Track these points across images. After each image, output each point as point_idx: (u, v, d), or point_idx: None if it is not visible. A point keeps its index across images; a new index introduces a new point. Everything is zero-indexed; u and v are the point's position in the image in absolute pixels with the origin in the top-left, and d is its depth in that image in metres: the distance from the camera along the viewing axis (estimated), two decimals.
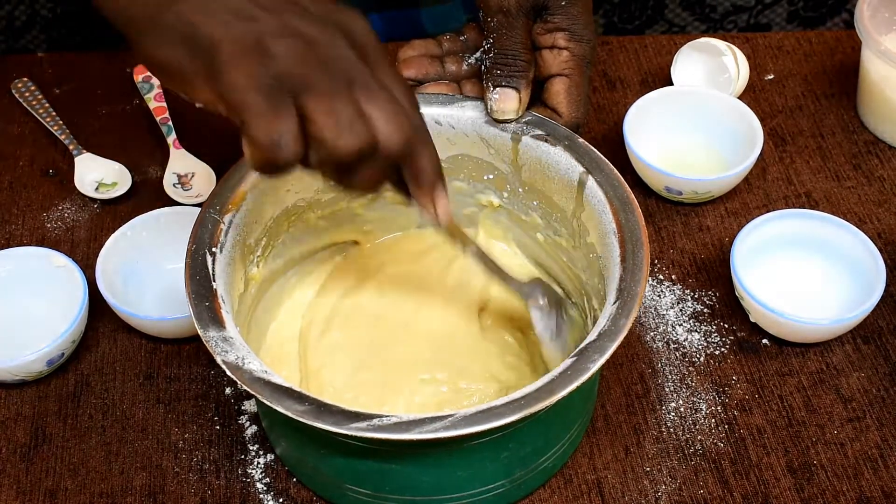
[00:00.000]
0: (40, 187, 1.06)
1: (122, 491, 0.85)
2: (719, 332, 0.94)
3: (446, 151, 0.88)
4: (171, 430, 0.88)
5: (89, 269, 0.93)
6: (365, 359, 0.87)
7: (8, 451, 0.88)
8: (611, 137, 1.10)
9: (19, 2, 1.45)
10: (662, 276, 0.98)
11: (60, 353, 0.90)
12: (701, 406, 0.89)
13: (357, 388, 0.86)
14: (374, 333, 0.89)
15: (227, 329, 0.74)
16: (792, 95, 1.14)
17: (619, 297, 0.75)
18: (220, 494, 0.85)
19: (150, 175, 1.07)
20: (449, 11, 1.23)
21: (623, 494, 0.84)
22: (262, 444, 0.87)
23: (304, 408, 0.69)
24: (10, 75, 1.16)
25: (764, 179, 1.06)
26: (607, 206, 0.81)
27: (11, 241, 1.01)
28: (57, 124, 1.10)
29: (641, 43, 1.19)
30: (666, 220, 1.02)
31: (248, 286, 0.84)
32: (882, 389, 0.90)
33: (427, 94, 0.87)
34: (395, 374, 0.86)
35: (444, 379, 0.86)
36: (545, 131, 0.85)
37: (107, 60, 1.18)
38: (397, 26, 1.23)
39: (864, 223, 1.02)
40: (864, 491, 0.84)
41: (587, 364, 0.71)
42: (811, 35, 1.20)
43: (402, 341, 0.88)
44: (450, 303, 0.90)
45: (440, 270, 0.93)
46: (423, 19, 1.23)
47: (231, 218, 0.81)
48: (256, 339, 0.87)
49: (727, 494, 0.84)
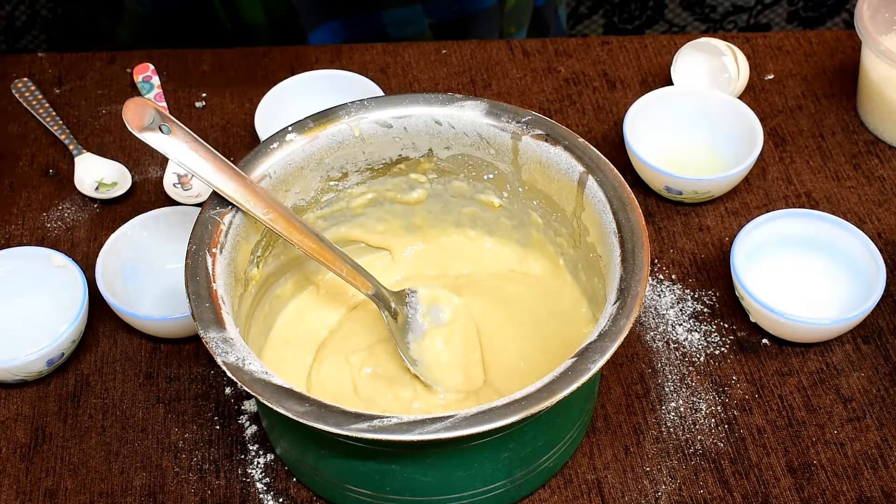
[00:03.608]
0: (40, 187, 1.06)
1: (122, 491, 0.85)
2: (719, 332, 0.94)
3: (446, 151, 0.89)
4: (171, 430, 0.88)
5: (89, 269, 0.93)
6: (367, 358, 0.88)
7: (8, 451, 0.88)
8: (611, 137, 1.10)
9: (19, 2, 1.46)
10: (662, 276, 0.98)
11: (60, 353, 0.90)
12: (701, 406, 0.89)
13: (362, 387, 0.86)
14: (383, 332, 0.89)
15: (228, 330, 0.74)
16: (792, 95, 1.14)
17: (620, 297, 0.75)
18: (220, 494, 0.85)
19: (150, 175, 1.07)
20: (411, 15, 1.23)
21: (623, 494, 0.84)
22: (262, 444, 0.87)
23: (304, 409, 0.69)
24: (10, 75, 1.16)
25: (764, 179, 1.06)
26: (607, 205, 0.81)
27: (11, 241, 1.01)
28: (57, 124, 1.10)
29: (641, 43, 1.19)
30: (666, 220, 1.03)
31: (248, 287, 0.84)
32: (882, 389, 0.90)
33: (427, 94, 0.87)
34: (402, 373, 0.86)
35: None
36: (545, 131, 0.85)
37: (107, 60, 1.18)
38: (359, 31, 1.24)
39: (864, 223, 1.02)
40: (864, 491, 0.84)
41: (587, 364, 0.71)
42: (811, 35, 1.20)
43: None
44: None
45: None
46: (385, 23, 1.23)
47: (231, 218, 0.81)
48: (257, 339, 0.87)
49: (727, 494, 0.84)
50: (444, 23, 1.25)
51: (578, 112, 1.12)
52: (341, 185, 0.89)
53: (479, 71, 1.17)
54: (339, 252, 0.84)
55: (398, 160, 0.89)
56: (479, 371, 0.87)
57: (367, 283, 0.85)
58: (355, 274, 0.85)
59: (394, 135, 0.88)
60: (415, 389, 0.86)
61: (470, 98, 0.87)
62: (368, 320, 0.90)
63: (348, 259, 0.85)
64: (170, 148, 0.79)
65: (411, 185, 0.92)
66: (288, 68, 1.16)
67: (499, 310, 0.90)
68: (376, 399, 0.85)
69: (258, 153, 0.84)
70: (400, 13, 1.23)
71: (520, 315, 0.90)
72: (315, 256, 0.82)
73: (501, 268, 0.94)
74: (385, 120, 0.87)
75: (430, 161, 0.90)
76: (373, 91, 1.08)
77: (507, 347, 0.88)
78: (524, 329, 0.89)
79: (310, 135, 0.86)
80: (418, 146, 0.88)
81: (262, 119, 1.06)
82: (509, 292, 0.92)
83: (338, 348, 0.88)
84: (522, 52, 1.19)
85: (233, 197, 0.79)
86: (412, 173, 0.91)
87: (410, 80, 1.16)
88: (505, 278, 0.93)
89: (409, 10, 1.23)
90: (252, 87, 1.15)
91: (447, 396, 0.85)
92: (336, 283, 0.92)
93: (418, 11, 1.23)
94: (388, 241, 0.95)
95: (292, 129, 0.86)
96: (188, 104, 1.13)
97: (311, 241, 0.82)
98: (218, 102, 1.13)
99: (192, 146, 0.80)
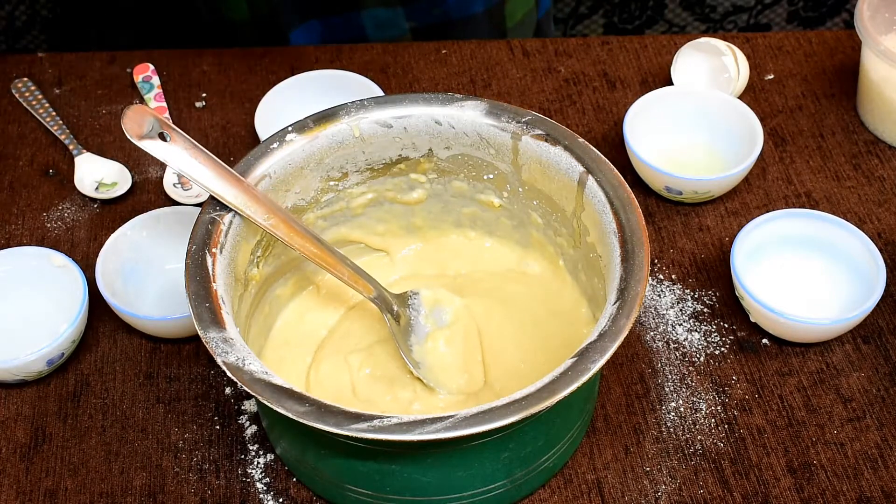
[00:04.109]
0: (40, 187, 1.06)
1: (122, 491, 0.85)
2: (719, 332, 0.94)
3: (446, 151, 0.89)
4: (171, 430, 0.88)
5: (89, 269, 0.93)
6: (366, 359, 0.88)
7: (8, 451, 0.88)
8: (611, 137, 1.10)
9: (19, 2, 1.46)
10: (662, 276, 0.98)
11: (60, 353, 0.90)
12: (701, 406, 0.89)
13: (360, 388, 0.86)
14: (382, 333, 0.89)
15: (228, 330, 0.74)
16: (792, 95, 1.14)
17: (620, 297, 0.75)
18: (219, 494, 0.85)
19: (150, 175, 1.07)
20: (391, 18, 1.23)
21: (623, 494, 0.84)
22: (262, 444, 0.87)
23: (304, 409, 0.69)
24: (10, 75, 1.16)
25: (764, 179, 1.06)
26: (607, 206, 0.80)
27: (11, 241, 1.01)
28: (57, 124, 1.10)
29: (641, 43, 1.19)
30: (666, 220, 1.03)
31: (248, 287, 0.84)
32: (882, 389, 0.90)
33: (427, 94, 0.87)
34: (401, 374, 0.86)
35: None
36: (545, 131, 0.85)
37: (107, 60, 1.18)
38: (339, 32, 1.23)
39: (864, 223, 1.02)
40: (864, 491, 0.84)
41: (588, 364, 0.71)
42: (811, 35, 1.20)
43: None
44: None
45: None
46: (364, 24, 1.23)
47: (231, 218, 0.81)
48: (257, 339, 0.87)
49: (727, 494, 0.84)
50: (426, 27, 1.25)
51: (578, 112, 1.12)
52: (341, 185, 0.89)
53: (479, 71, 1.17)
54: (341, 255, 0.84)
55: (398, 160, 0.89)
56: (479, 372, 0.87)
57: (368, 287, 0.85)
58: (357, 277, 0.85)
59: (394, 135, 0.88)
60: (414, 390, 0.86)
61: (470, 98, 0.87)
62: (367, 320, 0.90)
63: (349, 262, 0.85)
64: (169, 155, 0.79)
65: (411, 185, 0.92)
66: (288, 68, 1.16)
67: (499, 310, 0.90)
68: (375, 400, 0.85)
69: (258, 153, 0.84)
70: (380, 14, 1.22)
71: (520, 315, 0.90)
72: (316, 260, 0.82)
73: (501, 268, 0.94)
74: (385, 120, 0.87)
75: (430, 161, 0.90)
76: (373, 91, 1.08)
77: (506, 348, 0.88)
78: (524, 329, 0.89)
79: (310, 135, 0.86)
80: (418, 146, 0.88)
81: (262, 119, 1.06)
82: (509, 292, 0.92)
83: (336, 349, 0.88)
84: (522, 52, 1.19)
85: (233, 203, 0.80)
86: (412, 173, 0.91)
87: (410, 80, 1.16)
88: (505, 278, 0.93)
89: (389, 11, 1.22)
90: (252, 87, 1.15)
91: (448, 398, 0.85)
92: (336, 283, 0.92)
93: (399, 14, 1.23)
94: (388, 241, 0.95)
95: (292, 129, 0.86)
96: (188, 104, 1.13)
97: (312, 245, 0.82)
98: (218, 102, 1.13)
99: (192, 153, 0.80)
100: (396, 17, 1.23)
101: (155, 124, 0.79)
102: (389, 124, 0.87)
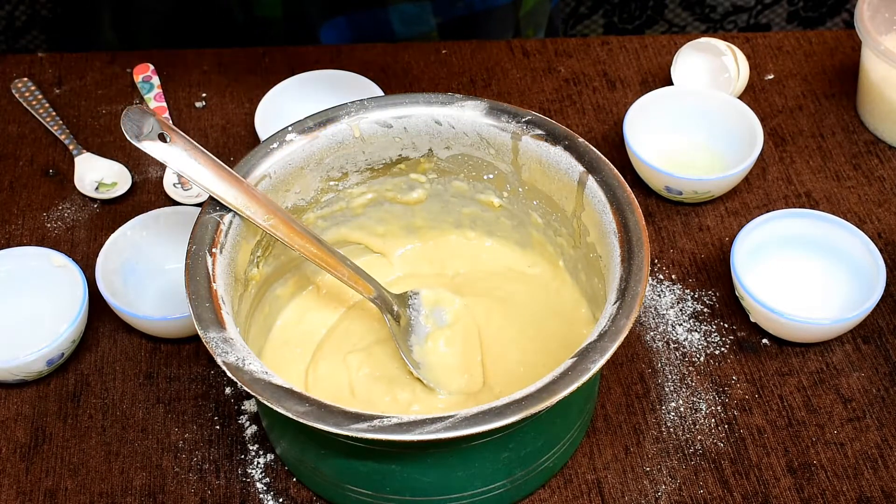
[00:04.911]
0: (40, 187, 1.06)
1: (122, 491, 0.85)
2: (719, 332, 0.94)
3: (446, 151, 0.89)
4: (171, 430, 0.88)
5: (89, 268, 0.93)
6: (365, 359, 0.87)
7: (8, 451, 0.88)
8: (611, 137, 1.10)
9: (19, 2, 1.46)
10: (662, 276, 0.98)
11: (60, 353, 0.90)
12: (701, 406, 0.89)
13: (359, 389, 0.86)
14: (381, 333, 0.89)
15: (228, 330, 0.74)
16: (792, 95, 1.14)
17: (620, 297, 0.75)
18: (220, 494, 0.85)
19: (150, 175, 1.07)
20: (418, 14, 1.23)
21: (623, 494, 0.84)
22: (262, 444, 0.87)
23: (304, 409, 0.69)
24: (10, 75, 1.16)
25: (764, 179, 1.06)
26: (607, 206, 0.80)
27: (11, 241, 1.01)
28: (57, 124, 1.10)
29: (641, 43, 1.19)
30: (666, 220, 1.03)
31: (248, 287, 0.84)
32: (882, 389, 0.90)
33: (427, 94, 0.87)
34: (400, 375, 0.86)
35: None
36: (545, 131, 0.85)
37: (107, 60, 1.18)
38: (365, 28, 1.23)
39: (864, 223, 1.02)
40: (864, 491, 0.84)
41: (587, 364, 0.71)
42: (811, 35, 1.20)
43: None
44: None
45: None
46: (392, 20, 1.23)
47: (231, 218, 0.81)
48: (257, 339, 0.87)
49: (727, 494, 0.84)
50: (452, 21, 1.25)
51: (578, 112, 1.12)
52: (341, 185, 0.89)
53: (479, 71, 1.17)
54: (341, 255, 0.84)
55: (398, 160, 0.89)
56: (479, 373, 0.87)
57: (368, 287, 0.85)
58: (357, 277, 0.85)
59: (394, 135, 0.88)
60: (413, 391, 0.85)
61: (470, 98, 0.87)
62: (366, 320, 0.90)
63: (350, 262, 0.85)
64: (169, 156, 0.79)
65: (411, 185, 0.92)
66: (288, 68, 1.16)
67: (498, 310, 0.90)
68: (374, 401, 0.85)
69: (258, 153, 0.84)
70: (407, 10, 1.22)
71: (519, 315, 0.90)
72: (316, 261, 0.82)
73: (501, 268, 0.94)
74: (385, 120, 0.87)
75: (430, 161, 0.90)
76: (373, 91, 1.08)
77: (506, 348, 0.88)
78: (524, 329, 0.89)
79: (310, 135, 0.86)
80: (418, 146, 0.88)
81: (262, 119, 1.06)
82: (509, 292, 0.92)
83: (335, 349, 0.88)
84: (522, 52, 1.19)
85: (233, 204, 0.80)
86: (412, 173, 0.91)
87: (410, 81, 1.16)
88: (504, 278, 0.93)
89: (415, 7, 1.22)
90: (252, 87, 1.15)
91: (447, 398, 0.85)
92: (336, 283, 0.92)
93: (426, 9, 1.23)
94: (388, 241, 0.95)
95: (292, 129, 0.86)
96: (188, 104, 1.13)
97: (312, 245, 0.82)
98: (218, 102, 1.13)
99: (192, 153, 0.80)
100: (423, 12, 1.23)
101: (155, 125, 0.79)
102: (389, 124, 0.87)
